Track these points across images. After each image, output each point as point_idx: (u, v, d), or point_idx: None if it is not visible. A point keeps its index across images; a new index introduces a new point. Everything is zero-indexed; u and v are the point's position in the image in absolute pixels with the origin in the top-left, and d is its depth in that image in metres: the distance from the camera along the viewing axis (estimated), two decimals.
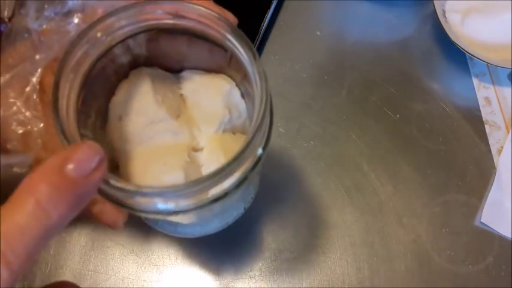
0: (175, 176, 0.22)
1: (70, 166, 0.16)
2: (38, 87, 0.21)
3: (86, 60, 0.21)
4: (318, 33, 0.48)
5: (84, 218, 0.21)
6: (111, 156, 0.23)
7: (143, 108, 0.23)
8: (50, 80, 0.20)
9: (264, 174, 0.39)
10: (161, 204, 0.19)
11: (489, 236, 0.38)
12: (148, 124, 0.23)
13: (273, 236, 0.37)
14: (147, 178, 0.22)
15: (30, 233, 0.15)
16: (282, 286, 0.35)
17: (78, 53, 0.20)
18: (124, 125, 0.23)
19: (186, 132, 0.23)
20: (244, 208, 0.30)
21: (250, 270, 0.36)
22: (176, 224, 0.28)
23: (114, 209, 0.23)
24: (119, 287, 0.35)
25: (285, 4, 0.49)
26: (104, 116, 0.23)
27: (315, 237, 0.37)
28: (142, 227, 0.34)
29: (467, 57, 0.46)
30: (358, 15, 0.49)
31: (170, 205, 0.19)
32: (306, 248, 0.37)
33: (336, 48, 0.47)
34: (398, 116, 0.43)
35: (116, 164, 0.23)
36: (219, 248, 0.36)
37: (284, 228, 0.37)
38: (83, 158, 0.16)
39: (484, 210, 0.39)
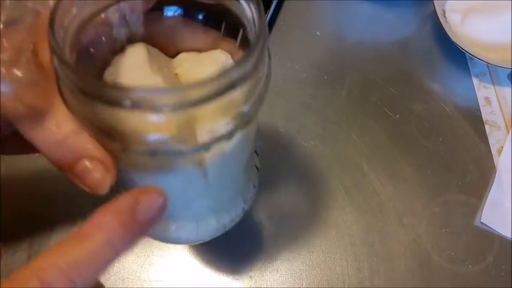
0: None
1: (141, 210, 0.18)
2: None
3: (76, 19, 0.19)
4: (318, 33, 0.48)
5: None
6: None
7: (139, 76, 0.22)
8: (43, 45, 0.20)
9: (264, 174, 0.39)
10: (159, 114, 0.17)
11: (489, 236, 0.38)
12: None
13: (273, 236, 0.37)
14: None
15: (97, 265, 0.17)
16: (282, 286, 0.35)
17: (69, 8, 0.19)
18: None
19: None
20: (243, 209, 0.30)
21: (250, 270, 0.36)
22: (170, 229, 0.27)
23: (101, 166, 0.20)
24: (119, 287, 0.35)
25: (285, 4, 0.49)
26: None
27: (315, 237, 0.37)
28: None
29: (467, 57, 0.46)
30: (358, 15, 0.49)
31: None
32: (306, 247, 0.37)
33: (336, 48, 0.47)
34: (398, 116, 0.43)
35: None
36: (219, 248, 0.36)
37: (284, 228, 0.37)
38: (152, 202, 0.18)
39: (484, 210, 0.39)
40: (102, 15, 0.21)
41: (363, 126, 0.42)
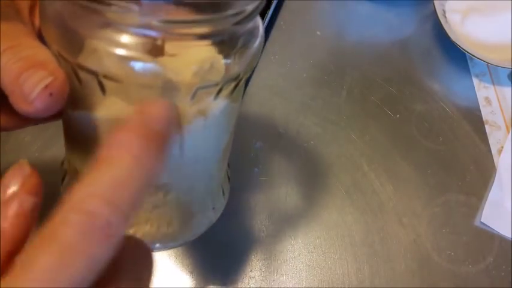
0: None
1: (154, 119, 0.17)
2: None
3: None
4: (318, 33, 0.48)
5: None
6: None
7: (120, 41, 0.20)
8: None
9: (264, 174, 0.39)
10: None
11: (489, 236, 0.38)
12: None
13: (273, 236, 0.37)
14: None
15: (134, 185, 0.16)
16: (282, 286, 0.35)
17: None
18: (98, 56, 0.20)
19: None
20: (210, 221, 0.27)
21: (250, 270, 0.36)
22: None
23: (44, 72, 0.17)
24: None
25: (285, 4, 0.49)
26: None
27: (315, 237, 0.37)
28: None
29: (467, 57, 0.46)
30: (358, 15, 0.49)
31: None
32: (306, 248, 0.37)
33: (336, 48, 0.47)
34: (398, 116, 0.43)
35: None
36: (219, 248, 0.36)
37: (284, 228, 0.37)
38: (160, 110, 0.17)
39: (484, 210, 0.39)
40: None
41: (363, 126, 0.42)
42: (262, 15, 0.46)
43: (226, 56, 0.19)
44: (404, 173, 0.40)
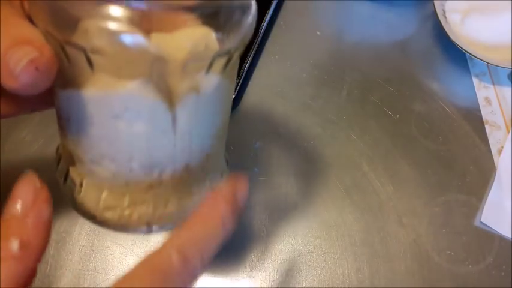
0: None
1: (241, 195, 0.21)
2: None
3: None
4: (318, 33, 0.48)
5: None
6: None
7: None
8: None
9: (264, 173, 0.39)
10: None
11: (489, 236, 0.38)
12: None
13: (273, 236, 0.37)
14: None
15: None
16: (282, 286, 0.35)
17: None
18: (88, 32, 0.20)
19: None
20: (211, 189, 0.25)
21: (250, 270, 0.36)
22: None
23: (30, 48, 0.17)
24: None
25: (285, 4, 0.49)
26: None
27: (315, 237, 0.37)
28: None
29: (467, 57, 0.46)
30: (358, 15, 0.49)
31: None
32: (306, 248, 0.37)
33: (336, 48, 0.47)
34: (398, 116, 0.43)
35: None
36: (219, 248, 0.36)
37: (284, 228, 0.37)
38: (245, 189, 0.22)
39: (484, 210, 0.39)
40: None
41: (363, 126, 0.42)
42: (262, 15, 0.46)
43: (216, 30, 0.19)
44: (404, 173, 0.40)
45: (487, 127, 0.43)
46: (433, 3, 0.45)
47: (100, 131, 0.20)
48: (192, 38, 0.18)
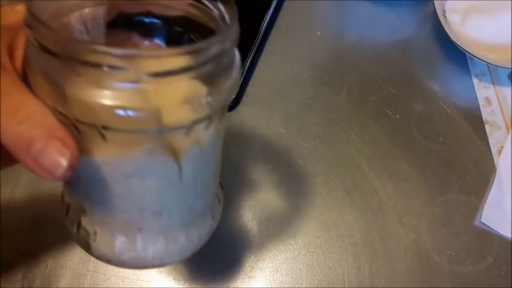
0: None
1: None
2: None
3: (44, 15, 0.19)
4: (318, 33, 0.48)
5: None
6: None
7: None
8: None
9: (263, 174, 0.39)
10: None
11: (489, 236, 0.38)
12: None
13: (273, 236, 0.37)
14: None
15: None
16: (282, 286, 0.35)
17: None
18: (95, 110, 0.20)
19: None
20: (211, 226, 0.27)
21: (250, 270, 0.36)
22: (137, 246, 0.24)
23: (59, 145, 0.18)
24: (118, 287, 0.35)
25: (285, 4, 0.49)
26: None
27: (315, 237, 0.37)
28: None
29: (467, 57, 0.46)
30: (358, 15, 0.49)
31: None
32: (306, 248, 0.37)
33: (336, 48, 0.47)
34: (398, 116, 0.43)
35: None
36: (219, 248, 0.36)
37: (284, 228, 0.37)
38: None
39: (484, 210, 0.39)
40: (65, 19, 0.21)
41: (363, 126, 0.42)
42: (262, 15, 0.46)
43: (210, 90, 0.19)
44: (404, 173, 0.40)
45: (487, 127, 0.43)
46: (433, 3, 0.45)
47: (112, 189, 0.21)
48: (190, 99, 0.19)
